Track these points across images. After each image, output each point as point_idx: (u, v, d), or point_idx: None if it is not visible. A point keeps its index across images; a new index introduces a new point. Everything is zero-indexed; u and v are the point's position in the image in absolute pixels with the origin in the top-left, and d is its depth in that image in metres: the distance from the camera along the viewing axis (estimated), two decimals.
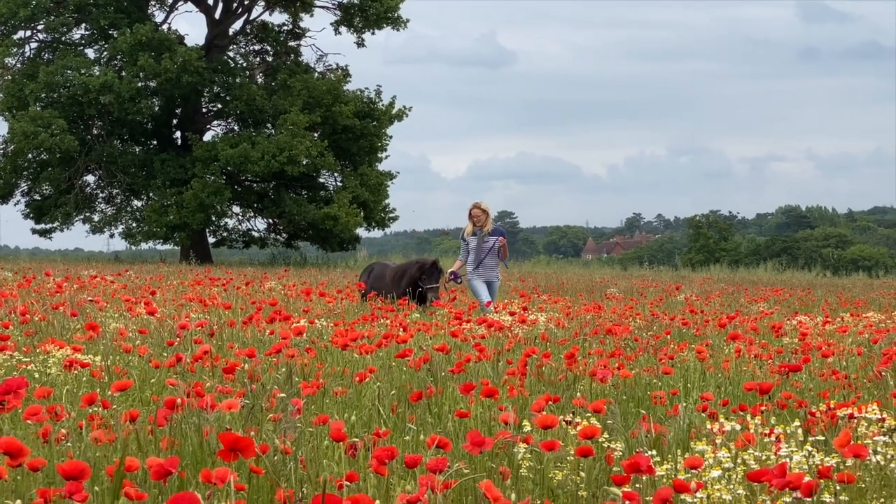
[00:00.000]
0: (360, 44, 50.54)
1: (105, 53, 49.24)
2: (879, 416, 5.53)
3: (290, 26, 51.15)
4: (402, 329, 12.02)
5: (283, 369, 8.00)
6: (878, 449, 5.26)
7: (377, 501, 4.46)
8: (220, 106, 50.03)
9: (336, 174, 48.63)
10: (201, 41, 49.96)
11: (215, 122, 50.87)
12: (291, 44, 51.05)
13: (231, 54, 50.64)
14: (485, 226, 18.43)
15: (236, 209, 49.68)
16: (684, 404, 7.15)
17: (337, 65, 50.97)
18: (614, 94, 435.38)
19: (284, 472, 5.15)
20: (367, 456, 5.33)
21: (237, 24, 50.90)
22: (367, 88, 49.51)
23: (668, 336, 12.69)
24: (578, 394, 7.84)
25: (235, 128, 49.88)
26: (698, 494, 4.75)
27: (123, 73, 46.86)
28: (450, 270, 19.01)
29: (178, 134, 50.47)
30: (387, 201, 49.72)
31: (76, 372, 8.06)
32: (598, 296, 24.23)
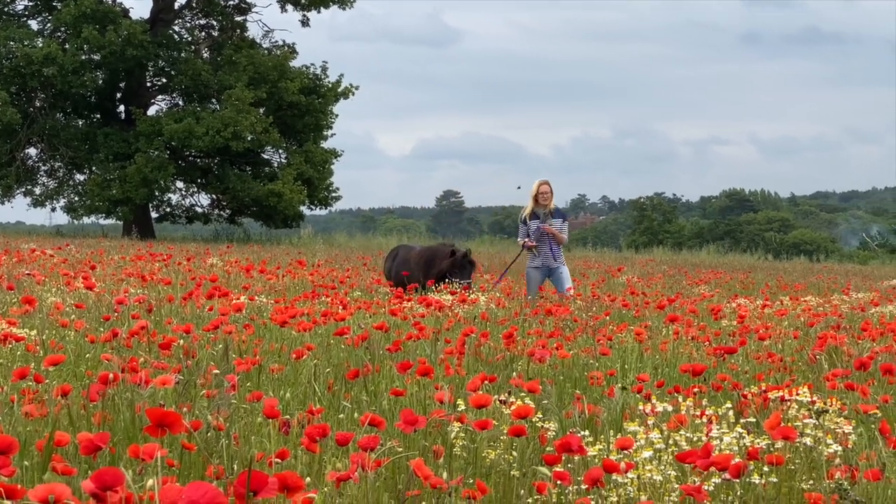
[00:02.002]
0: (305, 22, 50.34)
1: (49, 25, 48.72)
2: (810, 399, 5.58)
3: (237, 1, 50.81)
4: (341, 307, 12.02)
5: (221, 346, 7.98)
6: (808, 431, 5.31)
7: (308, 479, 4.45)
8: (164, 80, 49.63)
9: (281, 151, 48.44)
10: (147, 14, 49.57)
11: (160, 97, 50.48)
12: (237, 19, 50.66)
13: (176, 28, 50.22)
14: (548, 206, 16.74)
15: (180, 184, 49.35)
16: (620, 385, 7.19)
17: (283, 41, 50.75)
18: (559, 74, 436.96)
19: (217, 448, 5.13)
20: (301, 433, 5.32)
21: None
22: (312, 65, 49.35)
23: (608, 317, 12.75)
24: (515, 374, 7.85)
25: (180, 102, 49.50)
26: (629, 475, 4.77)
27: (67, 46, 46.36)
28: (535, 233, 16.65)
29: (121, 108, 50.03)
30: (331, 179, 49.61)
31: (10, 346, 7.98)
32: None
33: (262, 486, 3.07)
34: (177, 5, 50.33)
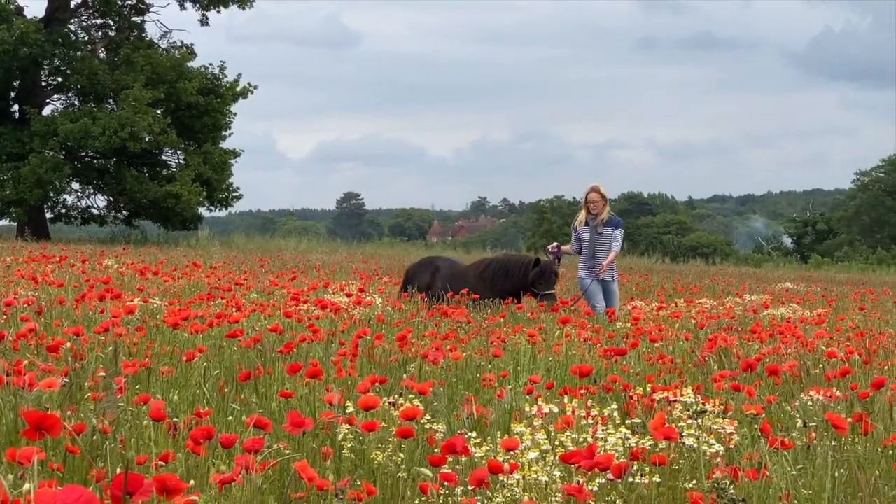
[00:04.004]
0: (205, 21, 49.93)
1: None
2: (695, 400, 5.66)
3: (134, 1, 50.24)
4: (236, 309, 11.95)
5: (111, 348, 7.90)
6: (691, 432, 5.38)
7: (192, 482, 4.42)
8: (60, 79, 48.85)
9: (179, 152, 47.93)
10: (41, 13, 48.84)
11: (55, 96, 49.68)
12: (135, 19, 50.07)
13: (72, 27, 49.52)
14: (601, 213, 15.78)
15: (76, 185, 48.62)
16: (510, 387, 7.23)
17: (181, 42, 50.26)
18: (459, 77, 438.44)
19: (101, 452, 5.08)
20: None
21: None
22: (211, 65, 48.89)
23: (503, 319, 12.81)
24: (407, 376, 7.87)
25: (76, 102, 48.74)
26: (514, 476, 4.80)
27: None
28: (553, 245, 16.46)
29: (15, 107, 49.17)
30: (231, 180, 49.21)
31: None
32: None
33: (137, 488, 3.05)
34: (73, 4, 49.62)
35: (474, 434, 5.57)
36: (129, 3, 50.19)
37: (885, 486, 5.36)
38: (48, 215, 48.97)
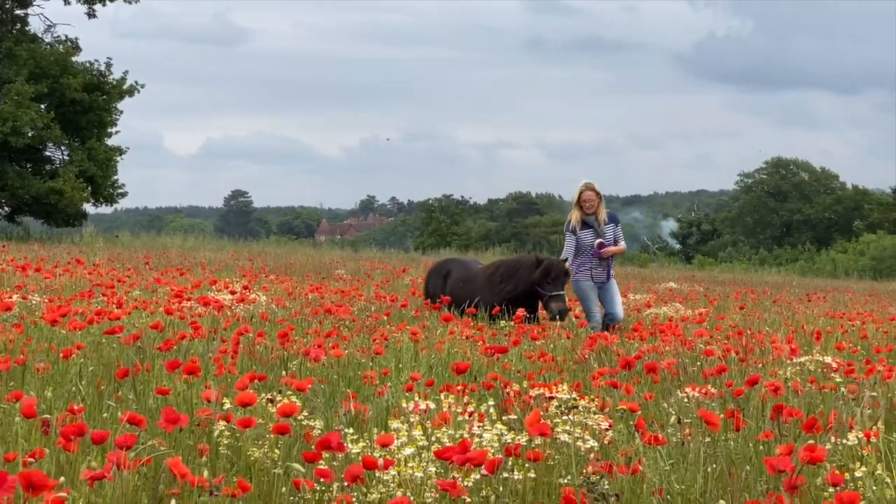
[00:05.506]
0: (91, 14, 49.24)
1: None
2: (571, 396, 5.71)
3: None
4: (117, 306, 11.82)
5: None
6: (567, 428, 5.43)
7: (62, 479, 4.37)
8: None
9: (63, 147, 47.24)
10: None
11: None
12: (18, 12, 49.26)
13: None
14: (598, 213, 14.54)
15: None
16: (390, 384, 7.25)
17: (66, 36, 49.51)
18: (348, 76, 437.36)
19: None
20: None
21: None
22: (96, 61, 48.22)
23: (388, 317, 12.81)
24: (287, 373, 7.85)
25: None
26: (390, 472, 4.81)
27: None
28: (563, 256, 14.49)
29: None
30: (116, 177, 48.59)
31: None
32: (325, 276, 24.28)
33: (1, 483, 3.01)
34: None
35: (351, 430, 5.57)
36: None
37: (756, 481, 5.45)
38: None
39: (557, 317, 13.68)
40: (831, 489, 4.71)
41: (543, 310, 14.21)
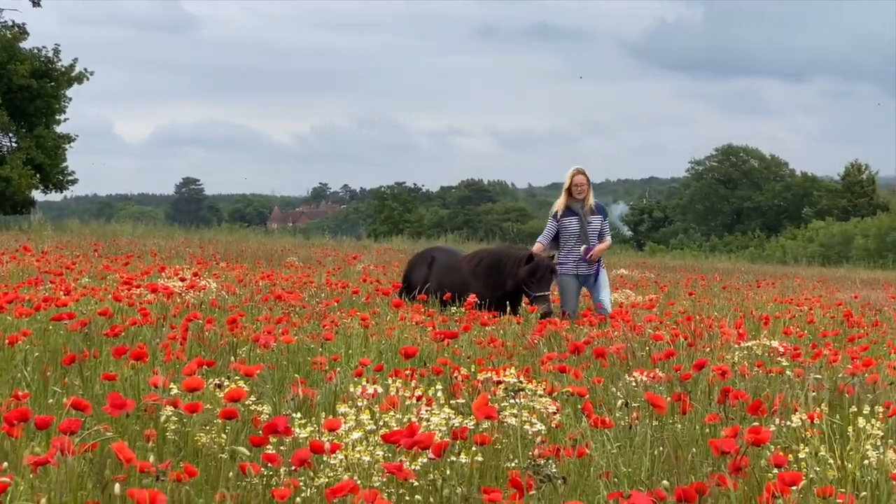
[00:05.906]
0: (36, 3, 48.85)
1: None
2: (517, 380, 5.73)
3: None
4: (64, 293, 11.74)
5: None
6: (514, 412, 5.45)
7: (5, 464, 4.35)
8: None
9: (10, 135, 46.88)
10: None
11: None
12: None
13: None
14: (587, 199, 13.96)
15: None
16: (339, 370, 7.24)
17: (13, 21, 49.11)
18: (299, 63, 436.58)
19: None
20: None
21: None
22: (44, 48, 47.91)
23: (338, 304, 12.79)
24: (234, 359, 7.82)
25: None
26: (338, 456, 4.81)
27: None
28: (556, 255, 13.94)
29: None
30: (65, 164, 48.31)
31: None
32: (276, 264, 24.20)
33: None
34: None
35: (299, 415, 5.57)
36: None
37: (702, 463, 5.49)
38: None
39: (541, 310, 13.11)
40: (775, 470, 4.75)
41: (529, 305, 13.59)
